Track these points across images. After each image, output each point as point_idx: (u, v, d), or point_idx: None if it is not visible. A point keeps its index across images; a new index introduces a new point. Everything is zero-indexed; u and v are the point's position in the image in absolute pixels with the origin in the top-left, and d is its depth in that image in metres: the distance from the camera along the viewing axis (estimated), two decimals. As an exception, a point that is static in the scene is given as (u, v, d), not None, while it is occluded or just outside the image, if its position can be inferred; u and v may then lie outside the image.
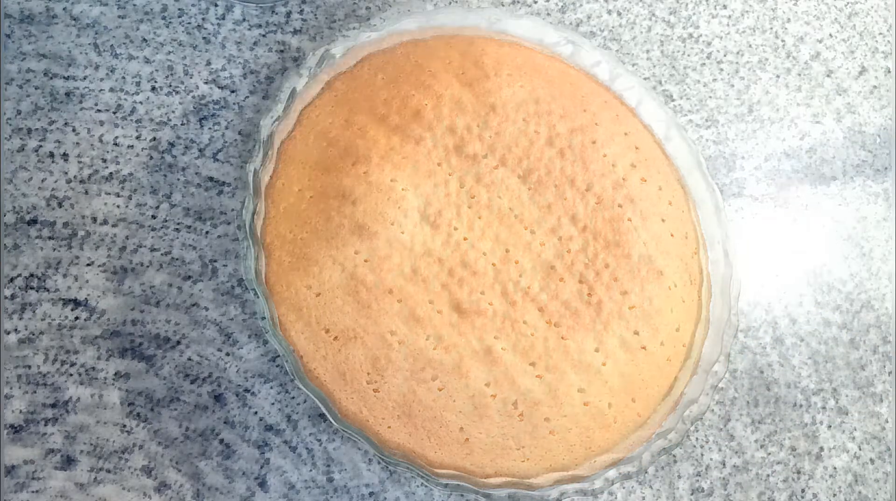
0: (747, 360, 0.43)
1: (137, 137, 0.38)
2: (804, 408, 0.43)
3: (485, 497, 0.37)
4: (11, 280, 0.35)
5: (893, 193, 0.51)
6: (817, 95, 0.52)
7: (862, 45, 0.54)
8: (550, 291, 0.37)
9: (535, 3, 0.48)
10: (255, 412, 0.35)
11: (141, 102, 0.39)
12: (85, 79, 0.38)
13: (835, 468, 0.43)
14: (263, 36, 0.42)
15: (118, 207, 0.37)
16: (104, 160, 0.37)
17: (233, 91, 0.40)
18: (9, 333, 0.34)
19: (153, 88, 0.39)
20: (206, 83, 0.40)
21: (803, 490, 0.42)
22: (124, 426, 0.34)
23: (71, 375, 0.34)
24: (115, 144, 0.38)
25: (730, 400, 0.42)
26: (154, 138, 0.38)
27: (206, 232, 0.37)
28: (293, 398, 0.36)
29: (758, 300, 0.45)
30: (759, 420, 0.42)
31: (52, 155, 0.37)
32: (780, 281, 0.46)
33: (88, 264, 0.36)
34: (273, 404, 0.36)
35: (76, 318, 0.35)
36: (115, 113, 0.38)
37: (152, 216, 0.37)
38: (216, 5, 0.42)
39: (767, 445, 0.42)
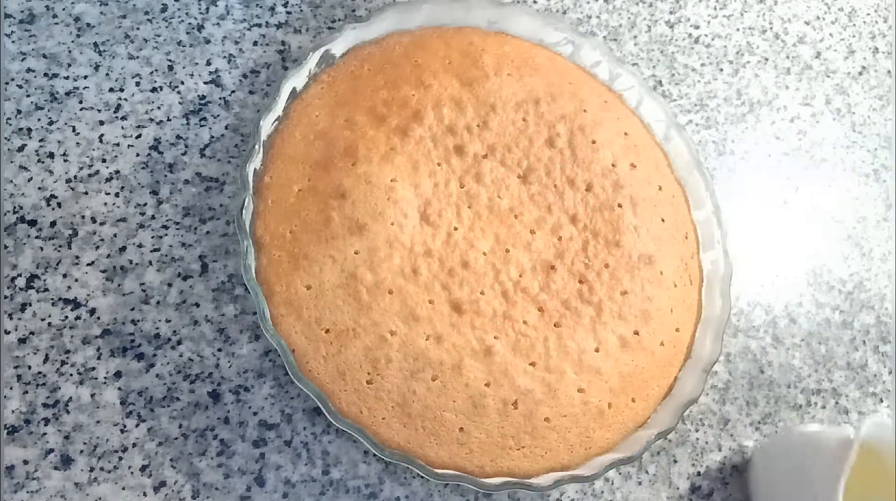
0: (747, 360, 0.43)
1: (137, 137, 0.38)
2: (804, 408, 0.43)
3: (485, 497, 0.37)
4: (12, 280, 0.35)
5: (893, 193, 0.51)
6: (817, 94, 0.52)
7: (862, 46, 0.54)
8: (550, 291, 0.37)
9: (536, 2, 0.48)
10: (253, 411, 0.35)
11: (141, 102, 0.39)
12: (85, 79, 0.38)
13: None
14: (263, 36, 0.42)
15: (118, 206, 0.37)
16: (104, 160, 0.37)
17: (232, 91, 0.40)
18: (8, 333, 0.34)
19: (153, 89, 0.39)
20: (205, 83, 0.40)
21: (804, 491, 0.42)
22: (124, 426, 0.34)
23: (71, 375, 0.34)
24: (116, 144, 0.38)
25: (730, 400, 0.42)
26: (154, 138, 0.38)
27: (207, 232, 0.37)
28: (289, 394, 0.36)
29: (758, 300, 0.45)
30: (759, 420, 0.42)
31: (51, 155, 0.37)
32: (780, 281, 0.46)
33: (89, 264, 0.36)
34: (271, 402, 0.36)
35: (76, 317, 0.35)
36: (115, 113, 0.38)
37: (152, 216, 0.37)
38: (216, 5, 0.42)
39: (768, 445, 0.42)
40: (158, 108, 0.39)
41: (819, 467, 0.35)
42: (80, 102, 0.38)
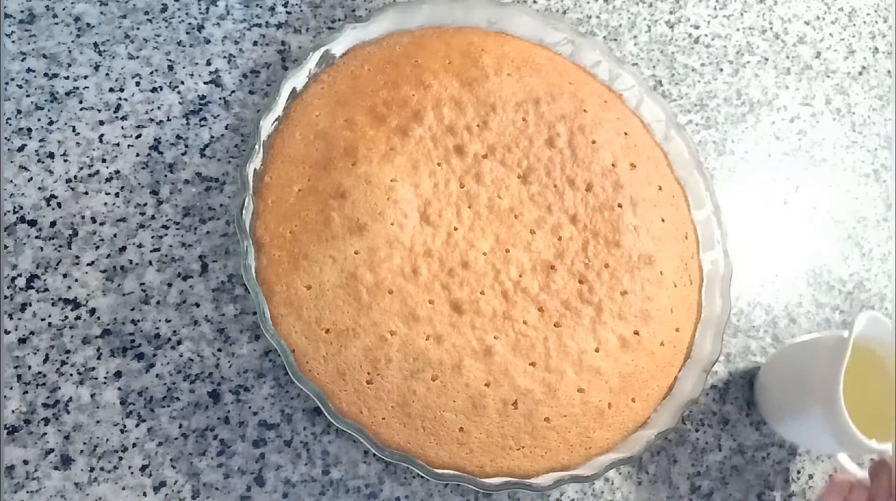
0: (748, 360, 0.43)
1: (137, 137, 0.38)
2: (805, 408, 0.43)
3: (485, 497, 0.37)
4: (12, 280, 0.35)
5: (893, 193, 0.51)
6: (817, 94, 0.52)
7: (862, 46, 0.54)
8: (550, 291, 0.37)
9: (536, 2, 0.48)
10: (253, 411, 0.35)
11: (141, 102, 0.39)
12: (86, 79, 0.38)
13: (834, 469, 0.43)
14: (263, 36, 0.42)
15: (118, 206, 0.37)
16: (104, 160, 0.37)
17: (232, 91, 0.40)
18: (8, 333, 0.34)
19: (153, 89, 0.39)
20: (205, 83, 0.40)
21: (804, 491, 0.42)
22: (124, 426, 0.34)
23: (71, 375, 0.34)
24: (116, 144, 0.38)
25: (730, 400, 0.42)
26: (154, 138, 0.38)
27: (207, 232, 0.37)
28: (289, 394, 0.36)
29: (758, 300, 0.45)
30: (759, 420, 0.42)
31: (51, 155, 0.37)
32: (780, 281, 0.46)
33: (89, 264, 0.36)
34: (271, 402, 0.35)
35: (76, 317, 0.35)
36: (115, 113, 0.38)
37: (152, 216, 0.37)
38: (216, 5, 0.42)
39: (767, 445, 0.42)
40: (158, 108, 0.39)
41: (818, 366, 0.36)
42: (80, 102, 0.38)
